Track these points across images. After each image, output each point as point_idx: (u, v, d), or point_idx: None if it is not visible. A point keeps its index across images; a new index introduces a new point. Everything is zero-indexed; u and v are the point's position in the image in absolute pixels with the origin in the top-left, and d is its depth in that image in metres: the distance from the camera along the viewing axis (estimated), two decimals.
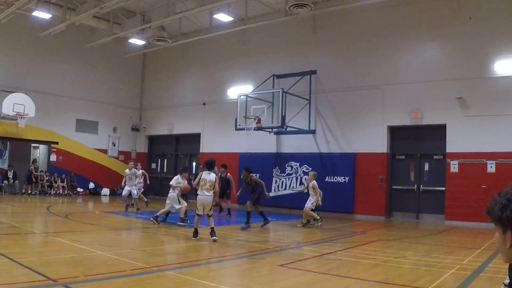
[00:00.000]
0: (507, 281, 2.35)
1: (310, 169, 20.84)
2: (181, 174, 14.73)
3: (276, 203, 21.93)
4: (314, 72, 21.48)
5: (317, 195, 15.16)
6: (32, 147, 27.90)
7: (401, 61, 19.76)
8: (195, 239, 11.00)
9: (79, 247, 9.16)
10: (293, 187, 16.38)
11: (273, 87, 21.61)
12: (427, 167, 19.32)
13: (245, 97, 20.95)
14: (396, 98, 19.53)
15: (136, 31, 23.42)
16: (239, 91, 22.76)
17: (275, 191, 22.35)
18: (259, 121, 19.98)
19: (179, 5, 20.92)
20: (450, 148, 18.19)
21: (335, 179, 20.51)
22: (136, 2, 21.53)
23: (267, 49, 24.06)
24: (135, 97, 30.64)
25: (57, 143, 26.04)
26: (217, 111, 25.88)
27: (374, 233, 14.79)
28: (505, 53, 17.19)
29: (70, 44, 25.94)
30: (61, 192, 25.23)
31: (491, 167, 17.12)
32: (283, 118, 19.39)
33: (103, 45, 25.83)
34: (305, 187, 16.33)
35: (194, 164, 26.88)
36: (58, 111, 25.86)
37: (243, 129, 20.33)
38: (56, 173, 25.50)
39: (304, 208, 15.48)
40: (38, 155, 28.21)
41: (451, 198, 17.85)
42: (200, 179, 11.19)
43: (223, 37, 24.42)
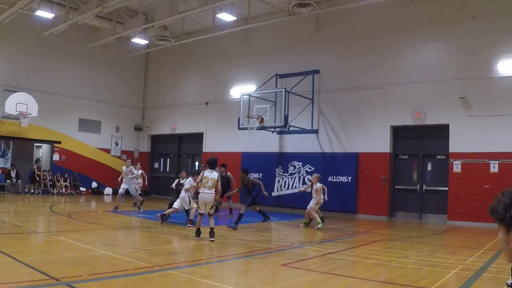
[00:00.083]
0: (510, 281, 2.35)
1: (313, 168, 20.89)
2: (193, 176, 14.71)
3: (278, 202, 21.97)
4: (317, 71, 21.48)
5: (320, 197, 15.09)
6: (35, 147, 27.96)
7: (404, 61, 19.75)
8: (197, 238, 11.02)
9: (82, 246, 9.17)
10: (298, 188, 16.38)
11: (276, 87, 21.62)
12: (430, 167, 19.29)
13: (248, 96, 20.95)
14: (399, 98, 19.51)
15: (139, 30, 23.43)
16: (242, 90, 22.76)
17: (277, 190, 22.36)
18: (262, 121, 19.96)
19: (182, 4, 20.91)
20: (453, 148, 18.17)
21: (338, 179, 20.50)
22: (139, 1, 21.56)
23: (270, 48, 24.06)
24: (138, 97, 30.67)
25: (60, 142, 26.07)
26: (220, 110, 25.89)
27: (376, 233, 14.78)
28: (508, 53, 17.16)
29: (72, 43, 25.97)
30: (64, 191, 25.27)
31: (494, 167, 17.09)
32: (286, 117, 19.38)
33: (106, 45, 25.87)
34: (309, 185, 16.29)
35: (196, 163, 26.89)
36: (61, 110, 25.90)
37: (246, 129, 20.31)
38: (59, 173, 25.54)
39: (306, 208, 15.43)
40: (41, 155, 28.26)
41: (454, 198, 17.82)
42: (202, 177, 11.20)
43: (226, 37, 24.44)
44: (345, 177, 20.43)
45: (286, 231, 15.02)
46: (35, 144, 27.43)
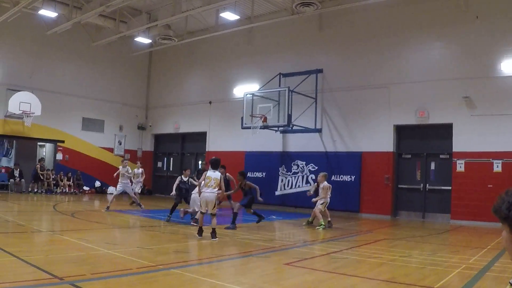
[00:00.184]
0: None
1: (316, 168, 20.89)
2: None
3: (282, 202, 21.99)
4: (320, 71, 21.46)
5: (327, 196, 15.01)
6: (38, 146, 28.03)
7: (407, 60, 19.71)
8: (200, 237, 11.01)
9: (86, 245, 9.18)
10: (308, 191, 16.34)
11: (279, 86, 21.62)
12: (433, 166, 19.27)
13: (251, 95, 20.96)
14: (402, 97, 19.48)
15: (142, 29, 23.46)
16: (245, 89, 22.76)
17: (281, 189, 22.37)
18: (265, 120, 19.96)
19: (185, 3, 20.93)
20: (456, 147, 18.14)
21: (341, 178, 20.48)
22: (142, 0, 21.62)
23: (273, 47, 24.04)
24: (141, 96, 30.69)
25: (63, 141, 26.11)
26: (223, 109, 25.89)
27: (380, 232, 14.77)
28: (511, 53, 17.12)
29: (76, 42, 26.00)
30: (67, 190, 25.29)
31: (498, 166, 17.06)
32: (289, 116, 19.38)
33: (109, 44, 25.90)
34: (314, 186, 16.26)
35: (200, 162, 26.88)
36: (64, 109, 25.93)
37: (249, 128, 20.32)
38: (62, 172, 25.57)
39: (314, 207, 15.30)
40: (44, 154, 28.33)
41: (457, 197, 17.80)
42: (205, 177, 11.23)
43: (229, 36, 24.44)
44: (349, 176, 20.42)
45: (289, 230, 15.03)
46: (39, 143, 27.50)
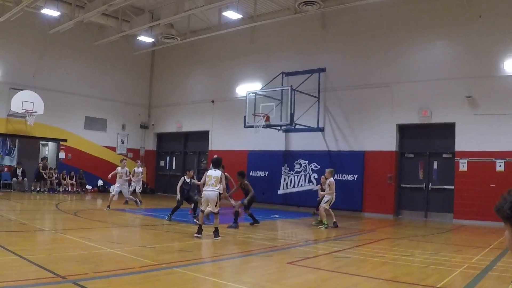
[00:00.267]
0: None
1: (319, 167, 20.87)
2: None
3: (284, 201, 22.00)
4: (323, 70, 21.45)
5: (333, 193, 14.96)
6: (41, 145, 28.05)
7: (410, 59, 19.67)
8: (198, 236, 10.88)
9: (88, 244, 9.20)
10: (315, 188, 16.32)
11: (282, 85, 21.60)
12: (436, 165, 19.23)
13: (254, 94, 20.95)
14: (405, 96, 19.45)
15: (144, 28, 23.45)
16: (247, 88, 22.73)
17: (283, 189, 22.36)
18: (268, 119, 19.95)
19: (188, 2, 20.91)
20: (459, 146, 18.10)
21: (344, 177, 20.45)
22: None
23: (276, 46, 24.03)
24: (143, 95, 30.70)
25: (65, 140, 26.13)
26: (226, 108, 25.89)
27: (382, 231, 14.77)
28: None
29: (78, 41, 26.01)
30: (69, 189, 25.31)
31: (500, 166, 17.02)
32: (292, 115, 19.36)
33: (111, 43, 25.90)
34: (319, 187, 16.24)
35: (201, 161, 26.85)
36: (66, 108, 25.95)
37: (251, 127, 20.30)
38: (64, 171, 25.58)
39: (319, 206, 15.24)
40: (47, 153, 28.37)
41: (460, 196, 17.77)
42: (205, 176, 11.27)
43: (232, 35, 24.41)
44: (351, 175, 20.39)
45: (292, 229, 15.04)
46: (41, 142, 27.52)
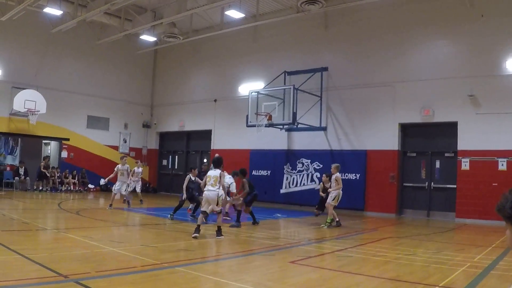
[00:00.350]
0: None
1: (321, 166, 20.92)
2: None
3: (287, 200, 22.01)
4: (325, 69, 21.44)
5: (339, 188, 14.93)
6: (43, 144, 28.08)
7: (412, 58, 19.65)
8: (195, 235, 10.70)
9: (90, 243, 9.21)
10: (319, 185, 16.30)
11: (285, 84, 21.59)
12: (438, 164, 19.22)
13: (256, 93, 20.94)
14: (407, 95, 19.43)
15: (147, 27, 23.46)
16: (250, 87, 22.69)
17: (286, 188, 22.36)
18: (270, 118, 19.94)
19: (191, 1, 20.91)
20: (461, 145, 18.08)
21: (346, 176, 20.38)
22: None
23: (279, 45, 24.01)
24: (146, 94, 30.72)
25: (68, 139, 26.17)
26: (228, 107, 25.90)
27: (385, 230, 14.76)
28: None
29: (81, 40, 26.05)
30: (72, 188, 25.33)
31: (503, 165, 17.00)
32: (294, 114, 19.34)
33: (114, 42, 25.92)
34: (321, 186, 16.23)
35: (205, 160, 26.89)
36: (69, 107, 25.99)
37: (254, 126, 20.30)
38: (67, 170, 25.63)
39: (326, 203, 15.17)
40: (49, 152, 28.40)
41: (462, 195, 17.75)
42: (206, 177, 11.30)
43: (234, 34, 24.42)
44: (354, 174, 20.39)
45: (294, 228, 15.04)
46: (44, 141, 27.56)
